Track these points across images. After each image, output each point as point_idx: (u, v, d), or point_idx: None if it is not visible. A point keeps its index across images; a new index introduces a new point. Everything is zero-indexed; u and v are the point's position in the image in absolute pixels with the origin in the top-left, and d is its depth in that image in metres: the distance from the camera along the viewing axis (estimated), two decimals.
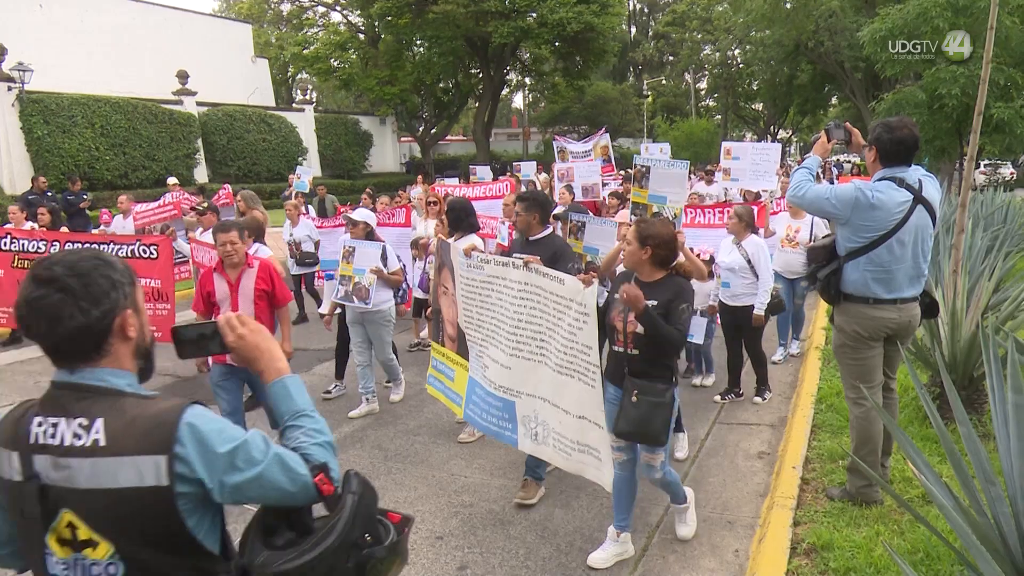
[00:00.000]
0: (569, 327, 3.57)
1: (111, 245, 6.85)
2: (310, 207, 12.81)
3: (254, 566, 1.46)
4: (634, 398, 3.45)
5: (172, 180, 13.78)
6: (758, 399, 6.04)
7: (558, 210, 9.16)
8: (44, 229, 8.47)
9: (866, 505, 3.93)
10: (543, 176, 15.38)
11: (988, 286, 5.44)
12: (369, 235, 6.03)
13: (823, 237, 5.33)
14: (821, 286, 3.98)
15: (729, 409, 5.92)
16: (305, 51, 34.03)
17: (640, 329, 3.42)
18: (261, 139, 27.36)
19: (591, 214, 7.25)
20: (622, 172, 15.73)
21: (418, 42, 33.47)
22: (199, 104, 25.59)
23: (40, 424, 1.41)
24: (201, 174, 25.54)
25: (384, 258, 5.86)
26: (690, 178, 13.96)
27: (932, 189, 3.74)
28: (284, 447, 1.52)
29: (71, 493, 1.39)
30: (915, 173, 3.74)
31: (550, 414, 3.73)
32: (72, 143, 20.65)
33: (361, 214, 6.15)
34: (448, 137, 41.55)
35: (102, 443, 1.38)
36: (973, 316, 4.95)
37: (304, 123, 30.00)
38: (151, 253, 6.82)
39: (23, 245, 7.24)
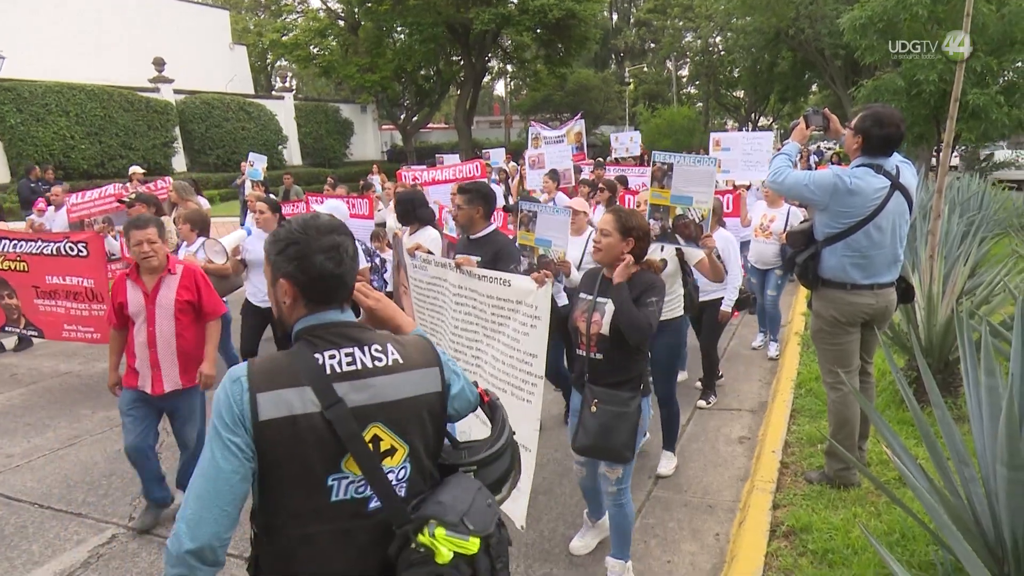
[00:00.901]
0: (512, 333, 3.25)
1: (38, 243, 6.46)
2: (273, 196, 12.50)
3: (462, 461, 1.78)
4: (593, 408, 3.10)
5: (135, 168, 12.39)
6: (702, 402, 5.74)
7: (543, 198, 9.00)
8: None
9: (844, 488, 3.99)
10: (511, 164, 15.20)
11: (964, 271, 5.52)
12: None
13: (801, 222, 5.35)
14: (799, 271, 4.02)
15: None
16: (284, 38, 33.57)
17: (605, 330, 3.11)
18: (240, 127, 27.06)
19: (544, 203, 6.79)
20: (599, 159, 15.69)
21: (399, 29, 33.13)
22: (176, 92, 25.25)
23: (333, 356, 1.59)
24: (179, 163, 25.23)
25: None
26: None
27: (909, 175, 3.78)
28: None
29: (378, 408, 1.61)
30: (892, 159, 3.78)
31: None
32: (47, 132, 20.31)
33: (330, 205, 5.84)
34: (430, 125, 41.33)
35: (401, 361, 1.66)
36: (949, 301, 5.02)
37: (284, 111, 29.71)
38: (80, 251, 6.37)
39: None
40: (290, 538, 1.58)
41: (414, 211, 5.16)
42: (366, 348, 1.63)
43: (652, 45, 50.74)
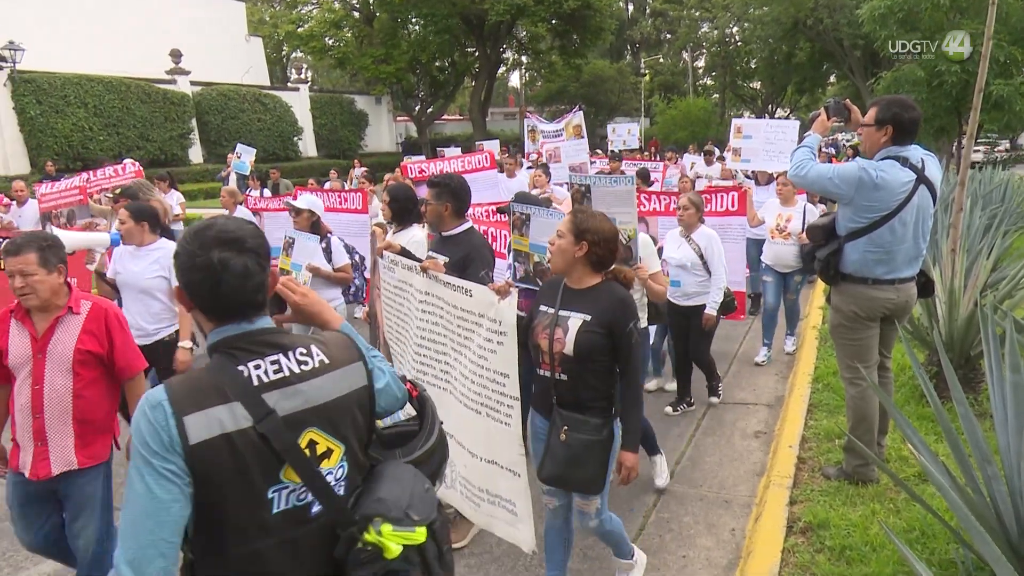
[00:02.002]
0: (479, 350, 2.89)
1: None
2: (265, 190, 11.96)
3: (398, 459, 1.79)
4: (563, 436, 2.77)
5: (128, 161, 11.94)
6: (714, 399, 5.58)
7: (535, 194, 8.67)
8: None
9: (862, 484, 3.94)
10: (507, 158, 14.66)
11: (986, 265, 5.44)
12: (314, 225, 5.27)
13: (821, 216, 5.28)
14: (820, 266, 3.96)
15: (726, 389, 5.92)
16: (299, 29, 33.63)
17: (569, 349, 2.73)
18: (256, 119, 27.18)
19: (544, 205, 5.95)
20: (613, 151, 15.27)
21: (413, 20, 33.10)
22: (193, 83, 25.39)
23: (258, 367, 1.55)
24: (196, 154, 25.40)
25: (328, 252, 5.19)
26: (680, 159, 13.70)
27: (934, 168, 3.72)
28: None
29: (311, 412, 1.58)
30: (917, 152, 3.71)
31: (456, 453, 3.07)
32: (65, 123, 20.49)
33: (306, 200, 5.41)
34: (444, 116, 41.32)
35: (327, 361, 1.64)
36: (971, 295, 4.95)
37: (299, 102, 29.80)
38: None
39: None
40: (236, 556, 1.53)
41: (413, 208, 4.56)
42: (290, 353, 1.59)
43: (668, 36, 50.36)
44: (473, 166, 8.61)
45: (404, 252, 3.63)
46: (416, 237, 4.38)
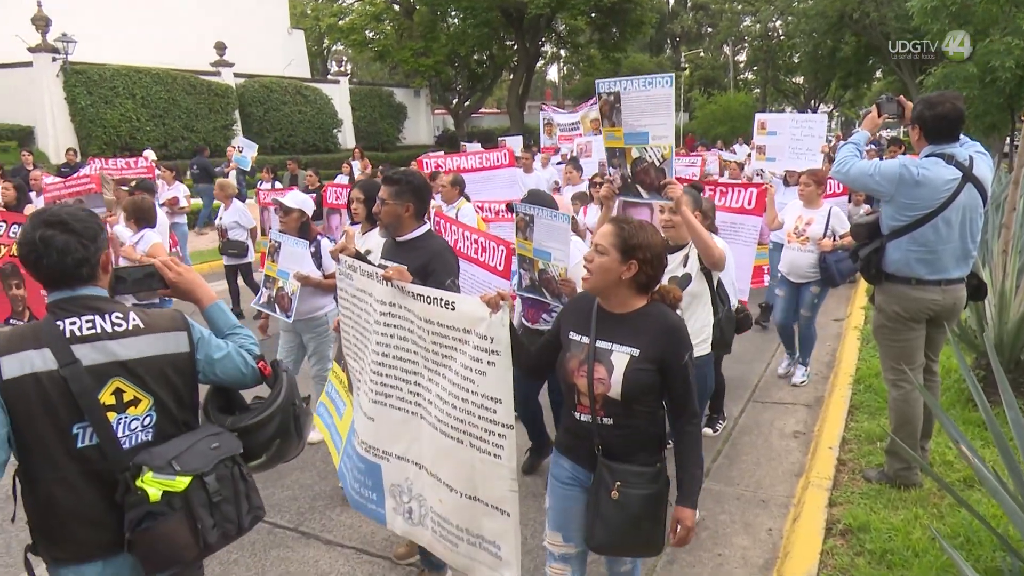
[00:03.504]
0: (463, 371, 2.44)
1: None
2: (277, 183, 11.81)
3: (226, 425, 2.06)
4: (615, 494, 2.31)
5: (147, 153, 11.77)
6: (708, 431, 4.84)
7: (567, 191, 7.94)
8: (4, 207, 7.49)
9: (904, 488, 3.88)
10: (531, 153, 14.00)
11: None
12: (304, 227, 4.79)
13: (865, 214, 5.17)
14: (862, 265, 3.91)
15: (764, 387, 5.85)
16: (341, 22, 33.94)
17: (615, 392, 2.27)
18: (297, 111, 27.50)
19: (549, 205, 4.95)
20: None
21: (453, 13, 33.14)
22: (236, 75, 25.78)
23: (74, 323, 1.86)
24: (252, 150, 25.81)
25: (318, 257, 4.71)
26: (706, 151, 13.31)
27: (984, 167, 3.62)
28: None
29: (117, 365, 1.88)
30: (967, 150, 3.62)
31: (427, 487, 2.65)
32: (114, 113, 21.00)
33: (295, 199, 4.85)
34: (482, 110, 41.33)
35: (142, 326, 1.93)
36: (1022, 297, 4.82)
37: (339, 95, 30.05)
38: None
39: None
40: (49, 482, 1.85)
41: None
42: (107, 316, 1.90)
43: (709, 29, 49.68)
44: (492, 163, 8.37)
45: (359, 256, 3.19)
46: (372, 239, 4.01)
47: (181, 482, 1.85)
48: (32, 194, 8.75)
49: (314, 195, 7.70)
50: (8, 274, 6.38)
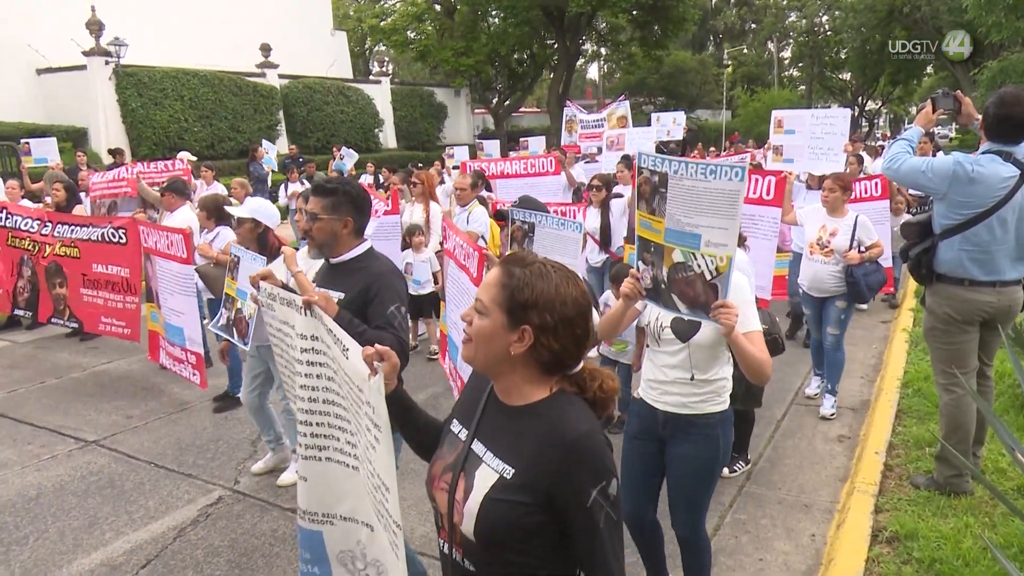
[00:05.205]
0: (366, 436, 1.90)
1: (91, 227, 6.34)
2: (302, 182, 11.84)
3: None
4: None
5: (183, 154, 11.11)
6: (732, 469, 4.35)
7: (622, 191, 7.55)
8: (54, 208, 7.58)
9: (954, 495, 3.76)
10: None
11: None
12: (261, 238, 4.21)
13: (919, 212, 5.01)
14: (912, 264, 3.81)
15: (807, 390, 5.72)
16: (382, 23, 34.32)
17: (469, 527, 1.48)
18: (339, 111, 27.86)
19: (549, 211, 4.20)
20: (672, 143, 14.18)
21: (493, 12, 33.25)
22: (281, 76, 26.25)
23: None
24: (282, 145, 26.26)
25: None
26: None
27: None
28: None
29: None
30: None
31: (383, 551, 1.99)
32: (163, 115, 21.56)
33: (252, 207, 4.28)
34: (522, 109, 41.34)
35: None
36: None
37: (380, 95, 30.36)
38: (120, 238, 6.11)
39: (17, 222, 6.75)
40: None
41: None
42: None
43: (753, 25, 48.95)
44: (538, 170, 7.94)
45: (284, 286, 2.73)
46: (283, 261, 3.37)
47: None
48: (82, 195, 8.93)
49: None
50: (52, 273, 6.66)
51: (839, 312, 5.14)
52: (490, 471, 1.48)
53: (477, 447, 1.55)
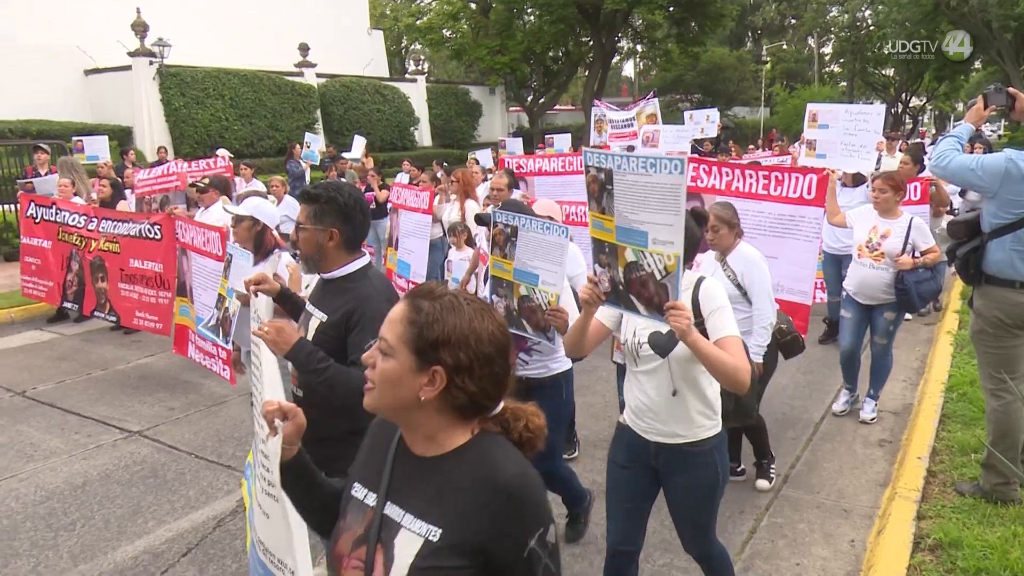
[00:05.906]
0: (265, 502, 1.81)
1: (130, 223, 6.50)
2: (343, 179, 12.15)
3: None
4: None
5: (222, 151, 11.34)
6: (763, 483, 4.19)
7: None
8: (99, 203, 7.96)
9: (1001, 504, 3.65)
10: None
11: None
12: (259, 237, 3.95)
13: (967, 211, 4.86)
14: (959, 265, 3.71)
15: (836, 407, 5.60)
16: (418, 22, 34.54)
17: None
18: (376, 109, 28.12)
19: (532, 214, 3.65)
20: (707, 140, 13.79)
21: (529, 10, 33.21)
22: (318, 75, 26.58)
23: None
24: (319, 144, 26.60)
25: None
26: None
27: None
28: None
29: None
30: None
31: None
32: (205, 114, 22.01)
33: (252, 205, 4.01)
34: (557, 107, 41.20)
35: None
36: None
37: (416, 93, 30.56)
38: (155, 233, 6.23)
39: (65, 218, 6.99)
40: None
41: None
42: None
43: (792, 21, 48.11)
44: (575, 168, 7.64)
45: (284, 295, 2.65)
46: (270, 269, 3.33)
47: None
48: (127, 191, 9.17)
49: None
50: (95, 268, 6.88)
51: (888, 323, 4.92)
52: (412, 536, 1.30)
53: (392, 511, 1.35)
